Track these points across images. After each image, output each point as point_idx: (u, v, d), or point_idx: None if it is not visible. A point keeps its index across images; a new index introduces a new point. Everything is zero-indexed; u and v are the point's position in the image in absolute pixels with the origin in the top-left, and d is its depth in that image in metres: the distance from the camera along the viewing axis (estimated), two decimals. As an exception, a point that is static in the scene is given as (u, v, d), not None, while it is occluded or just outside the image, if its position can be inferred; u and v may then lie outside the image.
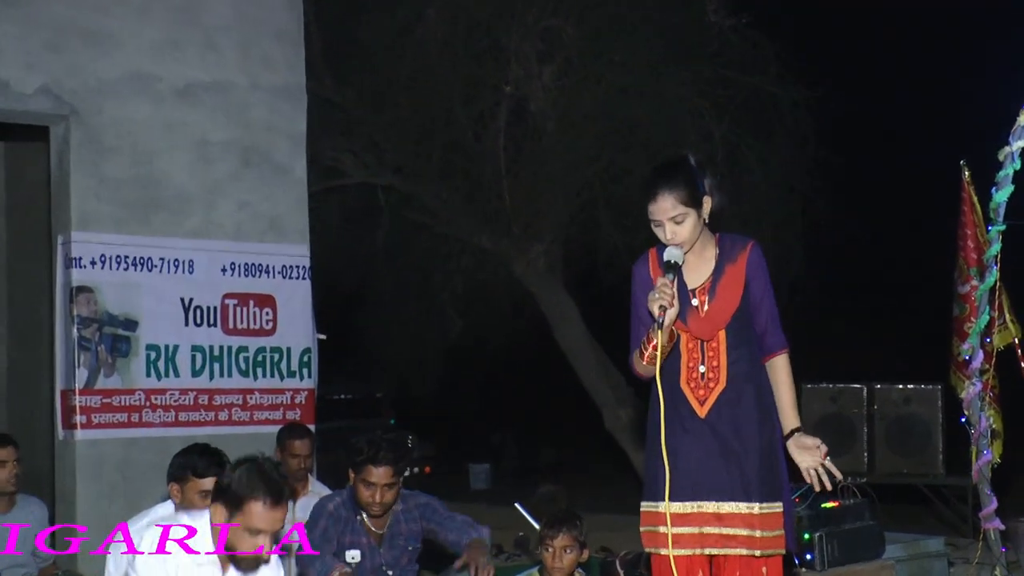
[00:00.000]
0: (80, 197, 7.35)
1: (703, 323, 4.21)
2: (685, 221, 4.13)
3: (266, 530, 3.91)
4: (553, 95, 12.76)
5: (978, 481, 7.35)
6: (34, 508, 6.21)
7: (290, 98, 8.30)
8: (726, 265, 4.22)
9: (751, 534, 4.11)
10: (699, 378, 4.21)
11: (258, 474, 3.93)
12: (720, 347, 4.20)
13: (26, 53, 7.23)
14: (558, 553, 5.25)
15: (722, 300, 4.20)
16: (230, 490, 3.92)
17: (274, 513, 3.92)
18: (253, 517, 3.89)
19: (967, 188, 7.95)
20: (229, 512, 3.92)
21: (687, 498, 4.16)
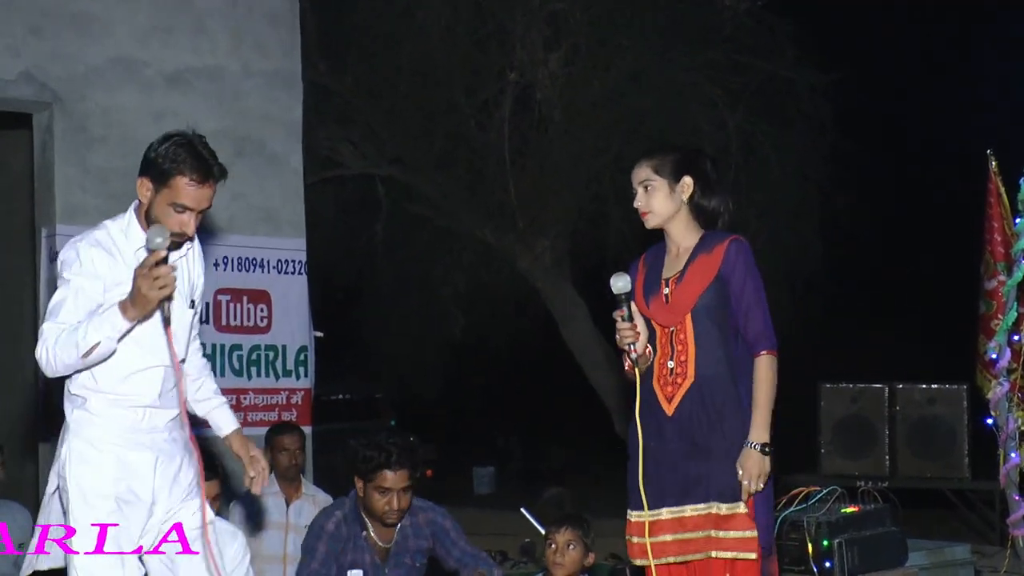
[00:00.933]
0: (65, 188, 7.35)
1: (667, 311, 4.28)
2: (654, 191, 4.29)
3: (192, 208, 3.92)
4: (560, 83, 12.75)
5: (1006, 486, 7.33)
6: (16, 515, 6.21)
7: (285, 85, 8.30)
8: (700, 254, 4.29)
9: (716, 535, 4.16)
10: (668, 374, 4.27)
11: (187, 148, 3.91)
12: (688, 341, 4.24)
13: (8, 37, 7.22)
14: (560, 548, 5.24)
15: (687, 285, 4.26)
16: (156, 164, 3.90)
17: (201, 190, 3.92)
18: (179, 193, 3.89)
19: (994, 179, 7.93)
20: (155, 187, 3.91)
21: (660, 504, 4.24)
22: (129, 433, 3.99)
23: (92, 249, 3.97)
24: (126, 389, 3.98)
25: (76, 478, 3.97)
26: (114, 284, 3.91)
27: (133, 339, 3.92)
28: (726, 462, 4.17)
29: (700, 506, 4.18)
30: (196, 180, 3.90)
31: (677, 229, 4.33)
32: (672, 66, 12.41)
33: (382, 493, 5.09)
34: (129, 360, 3.95)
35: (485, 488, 18.54)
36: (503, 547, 8.88)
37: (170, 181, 3.88)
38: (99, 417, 3.97)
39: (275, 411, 8.11)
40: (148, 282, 3.68)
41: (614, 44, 12.49)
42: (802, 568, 5.84)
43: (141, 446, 4.00)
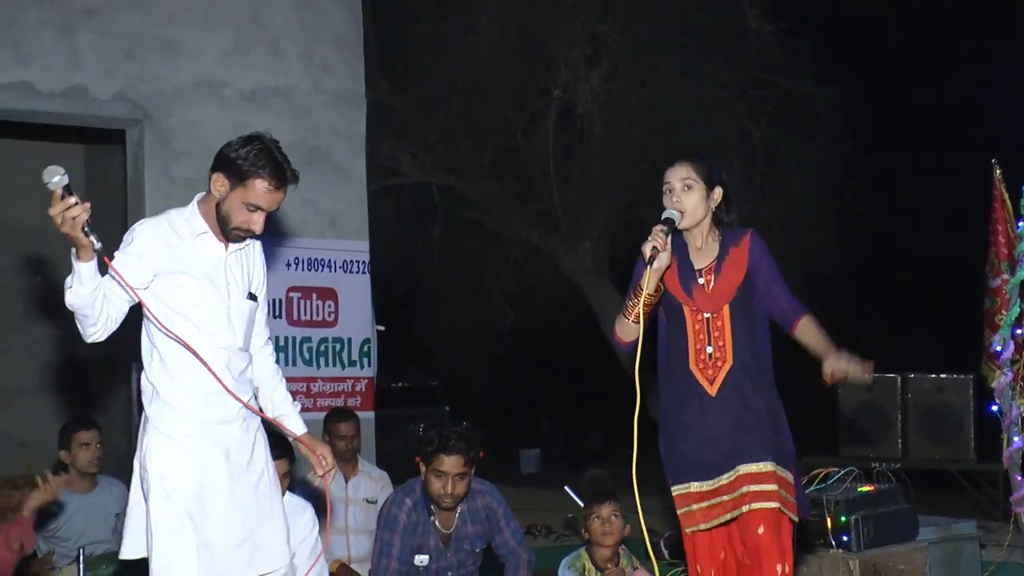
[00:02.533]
0: (154, 196, 7.41)
1: (708, 298, 4.27)
2: (693, 190, 4.25)
3: (264, 208, 3.86)
4: (600, 99, 12.74)
5: (1009, 467, 7.28)
6: (114, 488, 6.28)
7: (350, 102, 8.33)
8: (730, 247, 4.30)
9: (767, 488, 4.14)
10: (707, 359, 4.26)
11: (266, 154, 3.84)
12: (725, 327, 4.25)
13: (106, 62, 7.30)
14: (607, 519, 5.25)
15: (727, 277, 4.27)
16: (235, 164, 3.83)
17: (275, 195, 3.86)
18: (255, 194, 3.82)
19: (998, 186, 7.86)
20: (231, 185, 3.84)
21: (710, 476, 4.23)
22: (202, 424, 3.87)
23: (145, 229, 3.90)
24: (194, 376, 3.85)
25: (155, 470, 3.84)
26: (175, 268, 3.84)
27: (194, 324, 3.83)
28: (773, 427, 4.21)
29: (756, 464, 4.17)
30: (273, 185, 3.84)
31: (702, 231, 4.32)
32: (703, 83, 12.38)
33: (438, 476, 4.96)
34: (194, 343, 3.82)
35: (531, 468, 18.52)
36: (548, 522, 8.90)
37: (247, 182, 3.81)
38: (173, 408, 3.85)
39: (341, 397, 8.15)
40: (58, 219, 3.55)
41: (650, 63, 12.47)
42: (821, 542, 5.82)
43: (214, 436, 3.87)
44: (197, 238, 3.89)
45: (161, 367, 3.88)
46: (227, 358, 3.91)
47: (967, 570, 6.41)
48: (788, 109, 12.74)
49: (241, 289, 3.98)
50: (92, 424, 6.23)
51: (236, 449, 3.93)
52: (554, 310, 14.14)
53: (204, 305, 3.87)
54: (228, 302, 3.91)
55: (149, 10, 7.47)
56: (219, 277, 3.92)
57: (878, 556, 5.81)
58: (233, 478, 3.91)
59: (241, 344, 3.98)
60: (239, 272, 3.97)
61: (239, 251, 3.98)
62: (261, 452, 4.05)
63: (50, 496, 5.21)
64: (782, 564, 4.14)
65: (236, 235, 3.89)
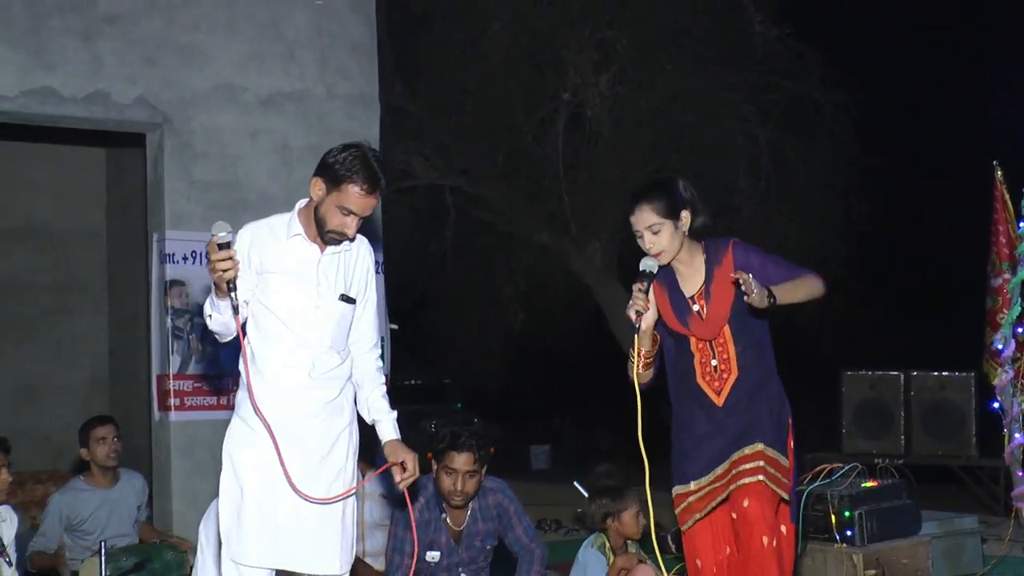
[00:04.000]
0: (173, 198, 7.44)
1: (704, 325, 4.28)
2: (661, 231, 4.21)
3: (356, 212, 3.90)
4: (608, 102, 12.73)
5: (1010, 463, 7.25)
6: (136, 482, 6.33)
7: (365, 106, 8.34)
8: (714, 269, 4.28)
9: (754, 465, 4.17)
10: (712, 371, 4.28)
11: (361, 160, 3.89)
12: (728, 343, 4.26)
13: (127, 68, 7.33)
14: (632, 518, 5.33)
15: (718, 301, 4.26)
16: (332, 168, 3.90)
17: (367, 199, 3.89)
18: (348, 198, 3.87)
19: (999, 187, 7.85)
20: (327, 188, 3.91)
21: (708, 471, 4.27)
22: (278, 415, 3.91)
23: (244, 232, 4.01)
24: (276, 368, 3.94)
25: (228, 451, 4.01)
26: (269, 267, 3.95)
27: (282, 320, 3.93)
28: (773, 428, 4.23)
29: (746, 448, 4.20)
30: (366, 190, 3.87)
31: (684, 253, 4.30)
32: (710, 86, 12.36)
33: (448, 473, 4.97)
34: (280, 338, 3.94)
35: (542, 464, 18.55)
36: (558, 516, 8.91)
37: (342, 186, 3.86)
38: (253, 397, 3.92)
39: (356, 395, 8.16)
40: (211, 266, 3.73)
41: (657, 67, 12.46)
42: (826, 536, 5.84)
43: (289, 428, 3.91)
44: (291, 239, 3.99)
45: (251, 359, 3.97)
46: (313, 356, 3.98)
47: (969, 564, 6.43)
48: (794, 112, 12.72)
49: (333, 290, 4.02)
50: (107, 419, 6.28)
51: (311, 444, 3.97)
52: (564, 309, 14.14)
53: (292, 303, 3.95)
54: (318, 301, 3.97)
55: (170, 18, 7.50)
56: (311, 277, 3.98)
57: (881, 550, 5.83)
58: (304, 472, 3.94)
59: (330, 343, 4.02)
60: (333, 274, 4.02)
61: (336, 254, 4.03)
62: (342, 452, 4.06)
63: None
64: (769, 536, 4.13)
65: (331, 238, 3.96)
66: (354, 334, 4.12)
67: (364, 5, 8.35)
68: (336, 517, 4.03)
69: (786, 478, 4.23)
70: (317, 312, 3.97)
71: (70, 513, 6.02)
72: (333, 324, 4.01)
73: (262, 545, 3.91)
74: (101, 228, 10.41)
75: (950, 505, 8.32)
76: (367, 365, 4.16)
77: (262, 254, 3.97)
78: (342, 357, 4.06)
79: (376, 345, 4.19)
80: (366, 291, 4.13)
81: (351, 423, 4.11)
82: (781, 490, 4.19)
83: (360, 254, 4.12)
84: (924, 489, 7.74)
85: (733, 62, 12.49)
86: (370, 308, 4.15)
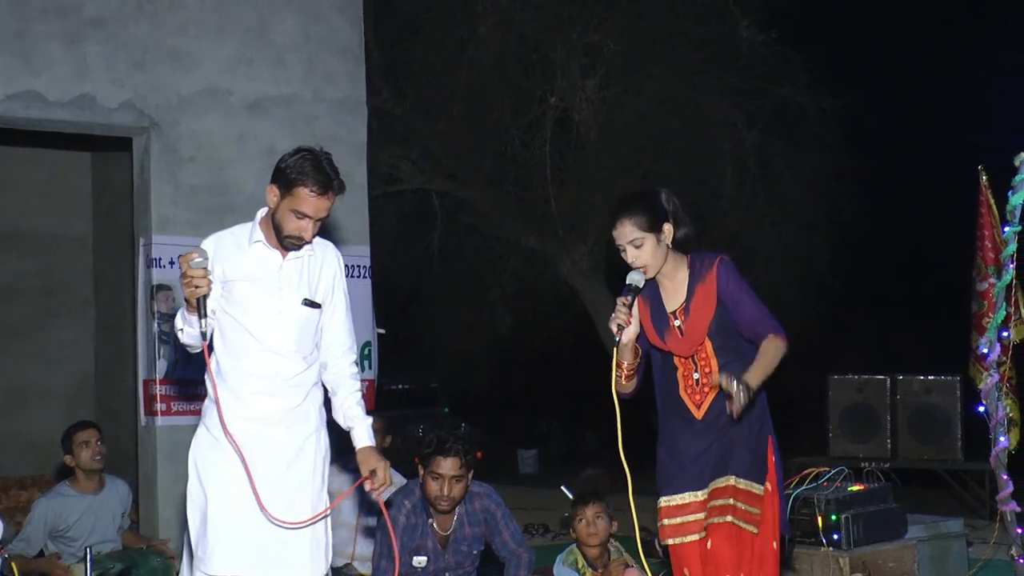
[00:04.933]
0: (159, 203, 7.42)
1: (683, 343, 4.27)
2: (644, 245, 4.20)
3: (310, 215, 3.92)
4: (596, 106, 12.75)
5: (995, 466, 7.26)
6: (120, 488, 6.29)
7: (352, 110, 8.33)
8: (696, 286, 4.26)
9: (726, 503, 4.15)
10: (694, 384, 4.27)
11: (311, 163, 3.92)
12: (710, 357, 4.25)
13: (113, 72, 7.31)
14: (591, 521, 5.30)
15: (696, 318, 4.24)
16: (285, 173, 3.93)
17: (319, 201, 3.91)
18: (300, 201, 3.89)
19: (984, 192, 7.87)
20: (281, 194, 3.93)
21: (690, 488, 4.25)
22: (243, 423, 3.93)
23: (209, 242, 4.03)
24: (240, 376, 3.97)
25: (194, 459, 4.02)
26: (231, 275, 3.97)
27: (245, 327, 3.95)
28: (750, 449, 4.20)
29: (719, 480, 4.18)
30: (317, 192, 3.90)
31: (668, 266, 4.27)
32: (696, 91, 12.39)
33: (435, 478, 4.95)
34: (243, 344, 3.96)
35: (529, 468, 18.53)
36: (545, 520, 8.90)
37: (293, 190, 3.89)
38: (217, 405, 3.94)
39: (343, 399, 8.15)
40: (184, 279, 3.77)
41: (644, 72, 12.48)
42: (813, 540, 5.84)
43: (253, 435, 3.93)
44: (253, 245, 4.01)
45: (216, 370, 3.99)
46: (277, 363, 3.99)
47: (954, 567, 6.44)
48: (780, 117, 12.75)
49: (296, 295, 4.03)
50: (89, 424, 6.24)
51: (276, 452, 3.97)
52: (551, 313, 14.15)
53: (255, 308, 3.97)
54: (280, 306, 3.98)
55: (157, 22, 7.48)
56: (273, 282, 4.00)
57: (868, 554, 5.84)
58: (269, 479, 3.94)
59: (294, 348, 4.02)
60: (296, 279, 4.04)
61: (299, 259, 4.05)
62: (308, 459, 4.06)
63: None
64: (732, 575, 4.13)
65: (289, 243, 3.98)
66: (326, 339, 4.13)
67: (351, 9, 8.34)
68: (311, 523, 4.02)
69: (758, 507, 4.18)
70: (280, 317, 3.98)
71: (55, 519, 5.98)
72: (296, 329, 4.02)
73: (229, 554, 3.90)
74: (87, 232, 10.38)
75: (936, 508, 8.33)
76: (341, 370, 4.15)
77: (224, 263, 3.98)
78: (307, 363, 4.07)
79: (350, 350, 4.18)
80: (333, 295, 4.14)
81: (318, 429, 4.11)
82: (751, 524, 4.15)
83: (326, 259, 4.14)
84: (910, 492, 7.77)
85: (720, 67, 12.52)
86: (339, 313, 4.16)
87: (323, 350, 4.12)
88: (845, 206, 12.99)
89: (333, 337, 4.13)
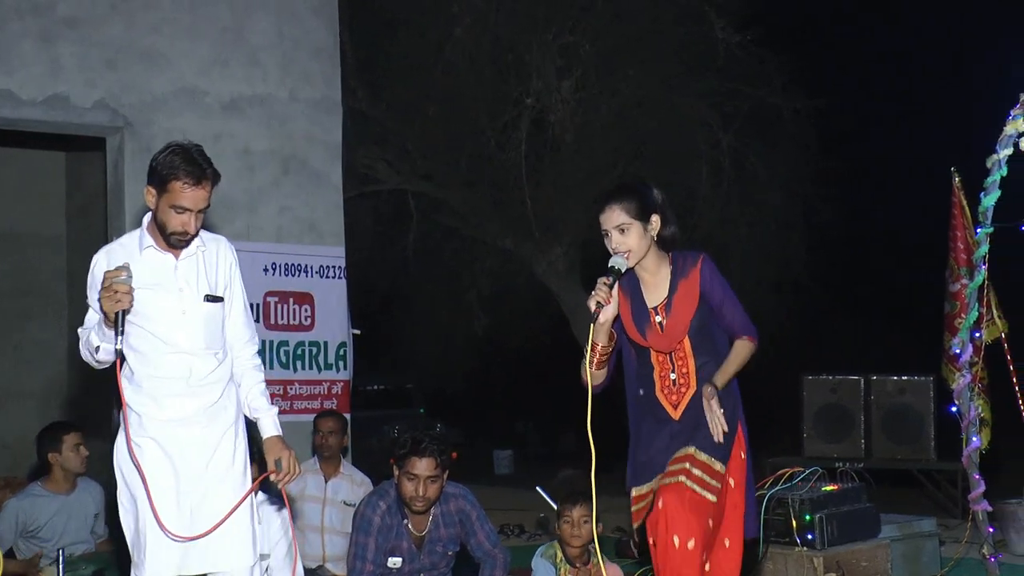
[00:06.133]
0: (134, 202, 7.40)
1: (662, 338, 4.28)
2: (629, 232, 4.22)
3: (189, 207, 3.89)
4: (571, 107, 12.76)
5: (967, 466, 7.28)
6: (92, 490, 6.27)
7: (327, 110, 8.33)
8: (679, 282, 4.28)
9: (681, 467, 4.16)
10: (671, 384, 4.28)
11: (181, 155, 3.89)
12: (687, 356, 4.26)
13: (85, 70, 7.29)
14: (576, 523, 5.28)
15: (678, 314, 4.25)
16: (156, 172, 3.90)
17: (195, 191, 3.88)
18: (176, 195, 3.87)
19: (957, 193, 7.93)
20: (157, 192, 3.91)
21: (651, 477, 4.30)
22: (160, 425, 3.94)
23: (99, 259, 4.03)
24: (152, 382, 3.96)
25: (118, 465, 4.01)
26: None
27: (151, 332, 3.93)
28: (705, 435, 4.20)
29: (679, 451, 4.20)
30: (191, 182, 3.87)
31: (650, 261, 4.30)
32: (672, 92, 12.41)
33: (410, 479, 4.93)
34: (153, 350, 3.94)
35: (504, 469, 18.54)
36: (521, 521, 8.90)
37: (168, 185, 3.87)
38: (136, 407, 3.96)
39: (318, 400, 8.16)
40: (104, 294, 3.76)
41: (620, 73, 12.50)
42: (787, 540, 5.85)
43: (171, 437, 3.94)
44: (144, 251, 3.99)
45: (129, 375, 3.99)
46: (189, 362, 3.98)
47: (927, 566, 6.47)
48: (756, 118, 12.79)
49: (197, 292, 4.02)
50: (74, 427, 6.23)
51: (194, 451, 3.97)
52: (527, 313, 14.15)
53: (158, 313, 3.95)
54: (183, 306, 3.97)
55: (131, 21, 7.46)
56: (171, 284, 3.99)
57: (841, 553, 5.86)
58: (187, 476, 3.95)
59: (204, 346, 4.02)
60: (194, 277, 4.02)
61: (192, 257, 4.04)
62: (227, 455, 4.05)
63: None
64: (682, 536, 4.08)
65: (175, 240, 3.96)
66: (228, 332, 4.13)
67: (327, 10, 8.34)
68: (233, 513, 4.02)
69: (717, 480, 4.17)
70: (184, 317, 3.97)
71: (26, 519, 5.96)
72: (202, 326, 4.02)
73: (163, 555, 3.91)
74: (61, 232, 10.32)
75: (909, 508, 8.38)
76: (244, 362, 4.17)
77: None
78: (219, 359, 4.07)
79: (251, 341, 4.19)
80: (231, 287, 4.13)
81: (235, 423, 4.11)
82: (708, 492, 4.14)
83: (220, 252, 4.13)
84: (883, 492, 7.80)
85: (696, 69, 12.55)
86: (238, 304, 4.16)
87: (227, 343, 4.14)
88: (820, 207, 13.03)
89: (234, 329, 4.14)
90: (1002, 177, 6.88)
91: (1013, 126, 6.84)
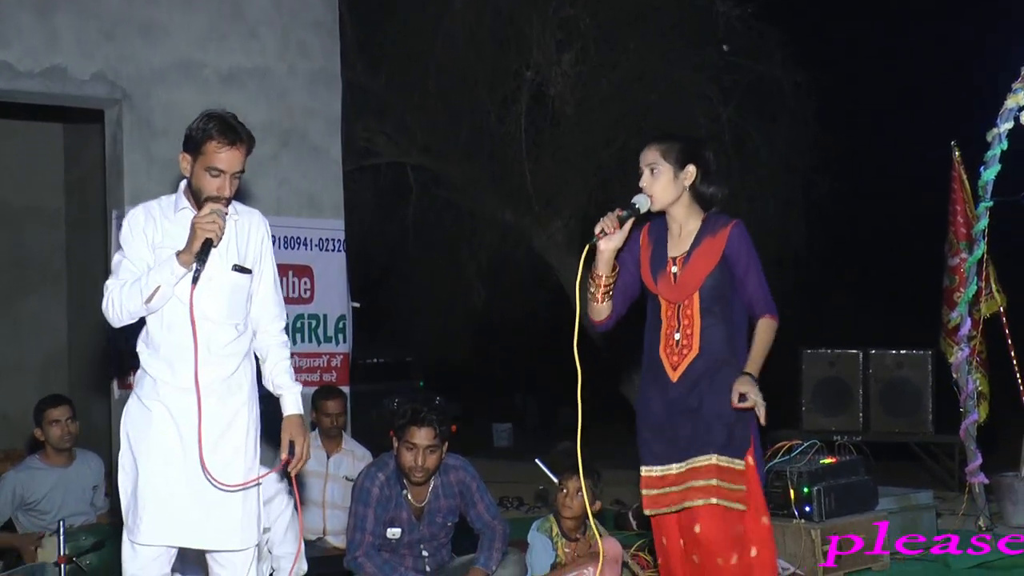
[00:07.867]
0: (132, 175, 7.39)
1: (674, 289, 4.23)
2: (659, 174, 4.20)
3: (224, 169, 3.89)
4: (571, 81, 12.71)
5: (965, 439, 7.36)
6: (91, 461, 6.27)
7: (326, 83, 8.31)
8: (705, 237, 4.23)
9: (709, 484, 4.12)
10: (674, 345, 4.22)
11: (216, 119, 3.92)
12: (694, 316, 4.20)
13: (83, 42, 7.26)
14: (571, 494, 5.31)
15: (694, 267, 4.20)
16: (191, 137, 3.93)
17: (231, 152, 3.90)
18: (211, 157, 3.88)
19: (957, 167, 7.92)
20: (192, 157, 3.93)
21: (661, 462, 4.23)
22: (174, 392, 3.92)
23: (136, 214, 4.03)
24: (169, 347, 3.93)
25: (125, 430, 4.00)
26: (160, 242, 3.96)
27: (176, 297, 3.90)
28: (726, 424, 4.14)
29: (700, 458, 4.14)
30: (226, 142, 3.87)
31: (679, 211, 4.26)
32: (672, 66, 12.36)
33: (409, 449, 4.94)
34: (173, 316, 3.92)
35: (504, 442, 18.60)
36: (519, 494, 8.95)
37: (202, 148, 3.88)
38: (148, 375, 3.95)
39: (317, 373, 8.16)
40: (203, 221, 3.79)
41: (620, 46, 12.45)
42: (785, 512, 5.88)
43: (183, 405, 3.90)
44: (178, 212, 3.98)
45: (145, 337, 3.99)
46: (209, 330, 3.95)
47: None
48: (756, 91, 12.76)
49: (225, 260, 4.00)
50: (62, 400, 6.20)
51: (207, 422, 3.91)
52: (527, 287, 14.13)
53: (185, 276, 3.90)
54: (210, 272, 3.93)
55: (129, -8, 7.42)
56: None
57: (839, 525, 5.88)
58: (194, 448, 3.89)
59: (226, 315, 3.99)
60: (225, 245, 4.00)
61: (226, 225, 3.99)
62: (240, 431, 4.01)
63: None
64: (726, 555, 4.12)
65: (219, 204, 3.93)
66: (255, 308, 4.11)
67: (325, -19, 8.30)
68: (236, 494, 3.99)
69: (740, 483, 4.15)
70: (210, 283, 3.94)
71: (24, 491, 5.97)
72: (227, 295, 4.00)
73: (157, 523, 3.89)
74: (59, 205, 10.30)
75: (906, 481, 8.41)
76: (270, 338, 4.14)
77: (155, 231, 3.98)
78: (239, 331, 4.04)
79: (279, 317, 4.17)
80: (262, 262, 4.13)
81: (250, 399, 4.07)
82: (736, 502, 4.14)
83: (253, 224, 4.14)
84: (881, 465, 7.82)
85: (696, 42, 12.50)
86: (268, 280, 4.15)
87: (252, 319, 4.11)
88: (820, 181, 13.01)
89: (262, 304, 4.12)
90: (1002, 151, 6.89)
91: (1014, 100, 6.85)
